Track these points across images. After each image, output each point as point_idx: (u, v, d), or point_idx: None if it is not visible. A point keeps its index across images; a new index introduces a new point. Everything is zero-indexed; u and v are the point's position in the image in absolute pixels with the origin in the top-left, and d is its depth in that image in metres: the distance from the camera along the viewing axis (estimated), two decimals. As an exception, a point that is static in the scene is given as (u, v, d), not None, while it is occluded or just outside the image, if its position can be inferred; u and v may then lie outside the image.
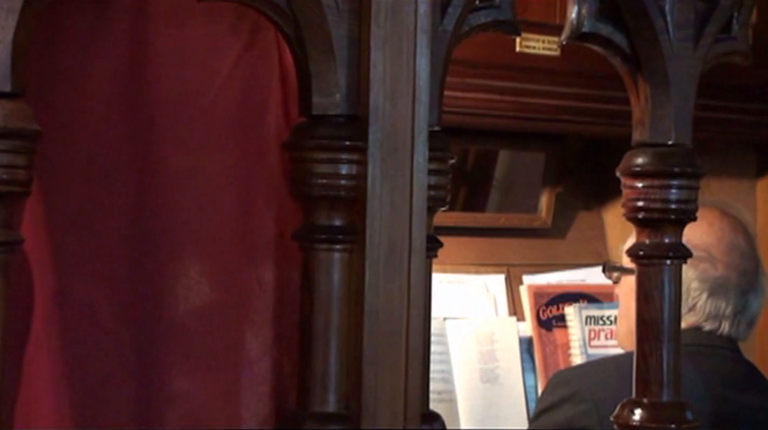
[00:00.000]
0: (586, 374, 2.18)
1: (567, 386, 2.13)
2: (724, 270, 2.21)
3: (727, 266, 2.22)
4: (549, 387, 2.19)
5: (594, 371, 2.19)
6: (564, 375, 2.21)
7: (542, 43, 2.48)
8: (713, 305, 2.20)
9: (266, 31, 1.29)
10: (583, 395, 2.08)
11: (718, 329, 2.21)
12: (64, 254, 1.22)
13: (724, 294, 2.21)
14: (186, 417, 1.26)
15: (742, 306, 2.24)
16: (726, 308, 2.21)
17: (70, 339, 1.22)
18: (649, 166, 1.32)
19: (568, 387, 2.12)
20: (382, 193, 1.13)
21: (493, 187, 2.95)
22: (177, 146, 1.27)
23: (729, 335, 2.22)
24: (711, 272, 2.21)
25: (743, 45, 1.37)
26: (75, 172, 1.23)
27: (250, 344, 1.28)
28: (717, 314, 2.21)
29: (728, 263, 2.22)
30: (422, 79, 1.14)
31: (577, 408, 2.08)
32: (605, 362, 2.29)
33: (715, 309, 2.20)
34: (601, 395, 2.05)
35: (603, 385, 2.07)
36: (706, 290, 2.20)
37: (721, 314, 2.21)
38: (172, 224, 1.26)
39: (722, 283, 2.21)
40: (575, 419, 2.07)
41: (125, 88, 1.25)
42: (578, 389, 2.10)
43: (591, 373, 2.17)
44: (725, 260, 2.20)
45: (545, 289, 2.78)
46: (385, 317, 1.13)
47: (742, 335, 2.26)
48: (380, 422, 1.12)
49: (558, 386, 2.16)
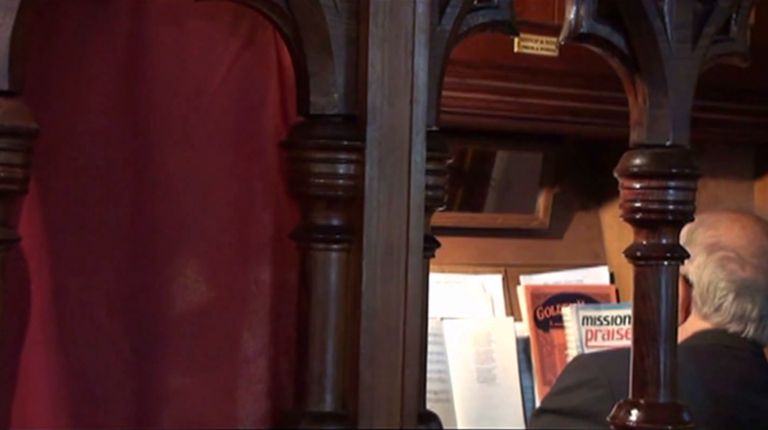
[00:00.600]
0: (606, 361, 2.16)
1: (585, 370, 2.12)
2: (753, 272, 2.20)
3: (755, 269, 2.20)
4: (568, 369, 2.19)
5: (614, 359, 2.16)
6: (584, 359, 2.21)
7: (540, 44, 2.47)
8: (739, 307, 2.19)
9: (264, 31, 1.29)
10: (600, 380, 2.08)
11: (743, 332, 2.20)
12: (61, 253, 1.22)
13: (750, 296, 2.19)
14: (183, 416, 1.26)
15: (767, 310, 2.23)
16: (752, 310, 2.19)
17: (67, 338, 1.22)
18: (647, 167, 1.32)
19: (587, 371, 2.12)
20: (380, 192, 1.13)
21: (490, 188, 2.95)
22: (174, 145, 1.27)
23: (754, 338, 2.20)
24: (739, 273, 2.20)
25: (741, 46, 1.37)
26: (72, 171, 1.23)
27: (247, 344, 1.28)
28: (743, 316, 2.19)
29: (757, 266, 2.20)
30: (420, 79, 1.14)
31: (593, 393, 2.07)
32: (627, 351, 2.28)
33: (741, 310, 2.19)
34: (618, 384, 2.04)
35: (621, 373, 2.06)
36: (733, 291, 2.19)
37: (747, 316, 2.19)
38: (169, 223, 1.26)
39: (749, 284, 2.20)
40: (589, 404, 2.07)
41: (123, 87, 1.25)
42: (596, 374, 2.09)
43: (611, 360, 2.15)
44: (754, 263, 2.19)
45: (542, 289, 2.78)
46: (382, 316, 1.12)
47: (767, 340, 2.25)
48: (377, 422, 1.12)
49: (577, 369, 2.15)
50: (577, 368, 2.17)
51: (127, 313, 1.25)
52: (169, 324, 1.26)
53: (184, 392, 1.26)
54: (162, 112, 1.26)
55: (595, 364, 2.14)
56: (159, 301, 1.26)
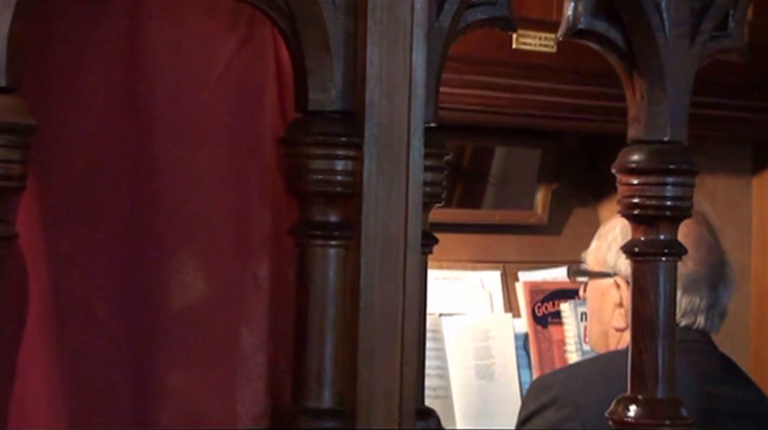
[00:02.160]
0: (566, 379, 2.18)
1: (548, 392, 2.13)
2: (694, 266, 2.22)
3: (696, 262, 2.22)
4: (530, 394, 2.19)
5: (574, 376, 2.19)
6: (544, 381, 2.21)
7: (539, 40, 2.48)
8: (688, 302, 2.21)
9: (262, 27, 1.28)
10: (564, 400, 2.09)
11: (693, 324, 2.23)
12: (58, 250, 1.22)
13: (696, 289, 2.22)
14: (181, 413, 1.26)
15: (713, 300, 2.25)
16: (700, 302, 2.22)
17: (65, 335, 1.21)
18: (645, 163, 1.32)
19: (549, 393, 2.13)
20: (378, 189, 1.13)
21: (489, 184, 2.95)
22: (172, 141, 1.26)
23: (704, 329, 2.23)
24: (682, 269, 2.20)
25: (739, 42, 1.37)
26: (70, 167, 1.23)
27: (245, 340, 1.28)
28: (692, 310, 2.22)
29: (697, 259, 2.22)
30: (418, 75, 1.14)
31: (560, 413, 2.09)
32: (584, 365, 2.30)
33: (690, 305, 2.21)
34: (582, 400, 2.06)
35: (584, 389, 2.08)
36: (680, 288, 2.20)
37: (696, 308, 2.22)
38: (167, 219, 1.26)
39: (693, 278, 2.22)
40: (558, 424, 2.08)
41: (121, 83, 1.25)
42: (559, 394, 2.11)
43: (571, 378, 2.18)
44: (694, 256, 2.20)
45: (541, 285, 2.79)
46: (380, 313, 1.13)
47: (716, 328, 2.27)
48: (375, 418, 1.12)
49: (539, 392, 2.16)
50: (538, 391, 2.17)
51: (125, 310, 1.25)
52: (167, 320, 1.26)
53: (183, 389, 1.26)
54: (160, 109, 1.26)
55: (557, 384, 2.15)
56: (157, 297, 1.26)
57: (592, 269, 2.35)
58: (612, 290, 2.28)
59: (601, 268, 2.32)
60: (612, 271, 2.28)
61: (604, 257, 2.30)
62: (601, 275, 2.31)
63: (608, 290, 2.30)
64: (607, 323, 2.30)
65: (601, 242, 2.32)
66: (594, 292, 2.35)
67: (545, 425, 2.10)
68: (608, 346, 2.31)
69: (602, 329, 2.33)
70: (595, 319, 2.36)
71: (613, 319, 2.28)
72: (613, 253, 2.27)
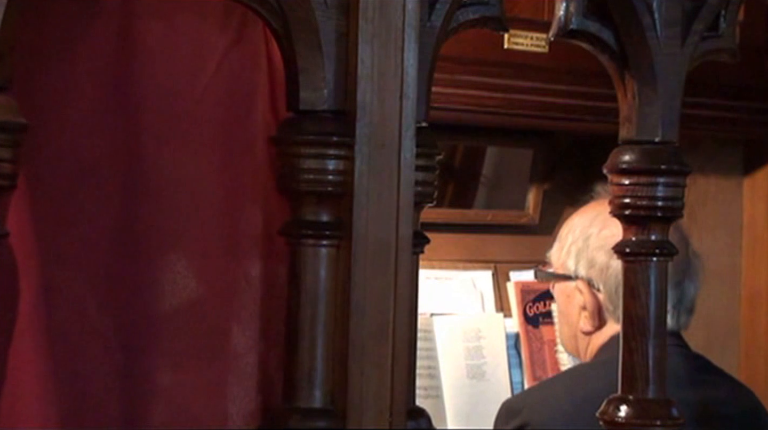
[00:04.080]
0: (534, 402, 2.16)
1: (518, 417, 2.13)
2: None
3: None
4: (500, 419, 2.18)
5: (542, 399, 2.17)
6: (514, 406, 2.19)
7: (530, 40, 2.48)
8: None
9: (254, 26, 1.28)
10: (533, 425, 2.08)
11: None
12: (50, 249, 1.22)
13: None
14: (172, 412, 1.25)
15: (679, 297, 2.22)
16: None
17: (56, 334, 1.21)
18: (636, 163, 1.32)
19: (519, 418, 2.12)
20: (370, 188, 1.13)
21: (480, 184, 2.95)
22: (164, 141, 1.26)
23: (672, 328, 2.18)
24: None
25: (730, 43, 1.38)
26: (61, 166, 1.23)
27: (236, 339, 1.28)
28: None
29: None
30: (410, 75, 1.14)
31: None
32: (552, 385, 2.27)
33: None
34: (552, 424, 2.05)
35: (553, 412, 2.07)
36: None
37: None
38: (158, 218, 1.26)
39: None
40: None
41: (112, 83, 1.25)
42: (528, 419, 2.10)
43: (540, 401, 2.16)
44: None
45: (532, 285, 2.79)
46: (371, 312, 1.13)
47: (684, 324, 2.24)
48: (366, 418, 1.12)
49: (509, 417, 2.15)
50: (509, 416, 2.15)
51: (116, 309, 1.24)
52: (158, 320, 1.26)
53: (174, 388, 1.26)
54: (151, 108, 1.26)
55: (526, 408, 2.13)
56: (148, 297, 1.26)
57: (556, 271, 2.32)
58: (575, 293, 2.26)
59: (563, 271, 2.29)
60: (573, 275, 2.26)
61: (564, 261, 2.28)
62: (565, 277, 2.29)
63: (572, 293, 2.27)
64: (575, 325, 2.28)
65: (561, 245, 2.29)
66: (561, 294, 2.33)
67: None
68: (578, 348, 2.29)
69: (571, 331, 2.31)
70: (564, 321, 2.34)
71: (579, 322, 2.27)
72: (572, 257, 2.24)
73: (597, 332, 2.25)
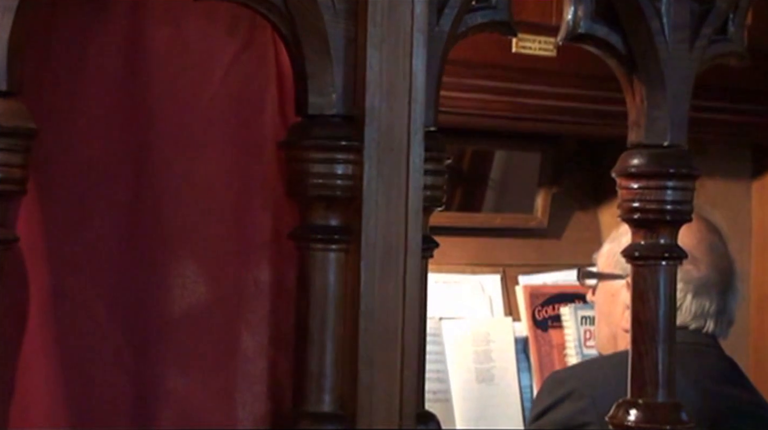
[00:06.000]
0: (581, 372, 2.20)
1: (563, 386, 2.15)
2: (706, 270, 2.25)
3: (708, 266, 2.26)
4: (545, 389, 2.20)
5: (589, 370, 2.21)
6: (559, 376, 2.22)
7: (538, 44, 2.48)
8: (698, 305, 2.24)
9: (263, 31, 1.29)
10: (581, 391, 2.10)
11: (703, 328, 2.25)
12: (59, 253, 1.22)
13: (707, 294, 2.25)
14: (181, 416, 1.26)
15: (722, 305, 2.29)
16: (710, 306, 2.25)
17: (66, 338, 1.22)
18: (645, 167, 1.32)
19: (565, 387, 2.14)
20: (378, 193, 1.13)
21: (489, 188, 2.95)
22: (173, 145, 1.27)
23: (713, 333, 2.26)
24: (694, 272, 2.24)
25: (739, 46, 1.37)
26: (71, 171, 1.23)
27: (246, 344, 1.28)
28: (702, 313, 2.25)
29: (708, 263, 2.26)
30: (418, 79, 1.14)
31: (576, 405, 2.10)
32: (600, 360, 2.32)
33: (700, 308, 2.24)
34: (598, 392, 2.07)
35: (599, 382, 2.09)
36: (691, 291, 2.24)
37: (706, 312, 2.25)
38: (168, 223, 1.26)
39: (704, 282, 2.25)
40: (575, 416, 2.09)
41: (121, 87, 1.25)
42: (575, 387, 2.12)
43: (586, 371, 2.20)
44: (706, 260, 2.24)
45: (541, 289, 2.78)
46: (380, 316, 1.13)
47: (724, 333, 2.30)
48: (375, 422, 1.12)
49: (554, 387, 2.17)
50: (554, 386, 2.18)
51: (126, 313, 1.25)
52: (168, 324, 1.26)
53: (184, 392, 1.26)
54: (161, 113, 1.26)
55: (572, 378, 2.17)
56: (158, 301, 1.26)
57: (603, 271, 2.36)
58: (623, 291, 2.30)
59: (612, 269, 2.33)
60: (624, 272, 2.29)
61: (617, 259, 2.31)
62: (613, 276, 2.33)
63: (618, 292, 2.31)
64: (617, 324, 2.32)
65: (614, 245, 2.34)
66: (604, 294, 2.36)
67: (562, 416, 2.11)
68: (617, 347, 2.32)
69: (611, 331, 2.34)
70: (604, 321, 2.37)
71: (622, 320, 2.29)
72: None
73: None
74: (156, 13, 1.26)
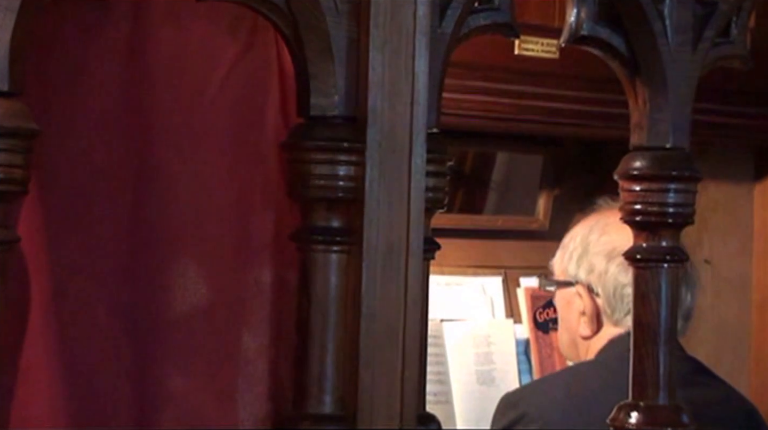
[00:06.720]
0: (532, 395, 2.21)
1: (515, 409, 2.16)
2: None
3: None
4: (498, 412, 2.23)
5: (540, 392, 2.22)
6: (511, 398, 2.23)
7: (541, 46, 2.48)
8: None
9: (265, 32, 1.29)
10: (531, 415, 2.12)
11: None
12: (61, 254, 1.22)
13: None
14: (183, 417, 1.26)
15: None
16: None
17: (67, 339, 1.22)
18: (647, 169, 1.32)
19: (516, 410, 2.16)
20: (380, 194, 1.13)
21: (490, 190, 2.95)
22: (175, 146, 1.27)
23: None
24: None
25: (742, 49, 1.37)
26: (73, 172, 1.23)
27: (247, 345, 1.28)
28: None
29: None
30: (421, 81, 1.14)
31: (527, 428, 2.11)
32: (550, 380, 2.33)
33: None
34: (549, 415, 2.09)
35: (550, 404, 2.12)
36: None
37: None
38: (169, 224, 1.26)
39: None
40: None
41: (124, 88, 1.25)
42: (526, 410, 2.13)
43: (537, 393, 2.20)
44: None
45: (542, 291, 2.78)
46: (381, 318, 1.13)
47: (681, 331, 2.27)
48: (376, 424, 1.12)
49: (507, 409, 2.19)
50: (506, 409, 2.19)
51: (127, 314, 1.25)
52: (169, 325, 1.26)
53: (185, 393, 1.26)
54: (163, 114, 1.26)
55: (523, 400, 2.18)
56: (159, 302, 1.26)
57: (557, 279, 2.37)
58: (575, 298, 2.31)
59: (564, 277, 2.34)
60: (573, 280, 2.30)
61: (566, 267, 2.33)
62: (565, 283, 2.34)
63: (572, 299, 2.32)
64: (574, 331, 2.33)
65: (563, 252, 2.35)
66: (561, 301, 2.38)
67: None
68: (578, 353, 2.33)
69: (571, 337, 2.36)
70: (564, 327, 2.39)
71: (579, 327, 2.31)
72: (573, 262, 2.30)
73: (595, 336, 2.30)
74: (158, 15, 1.26)
